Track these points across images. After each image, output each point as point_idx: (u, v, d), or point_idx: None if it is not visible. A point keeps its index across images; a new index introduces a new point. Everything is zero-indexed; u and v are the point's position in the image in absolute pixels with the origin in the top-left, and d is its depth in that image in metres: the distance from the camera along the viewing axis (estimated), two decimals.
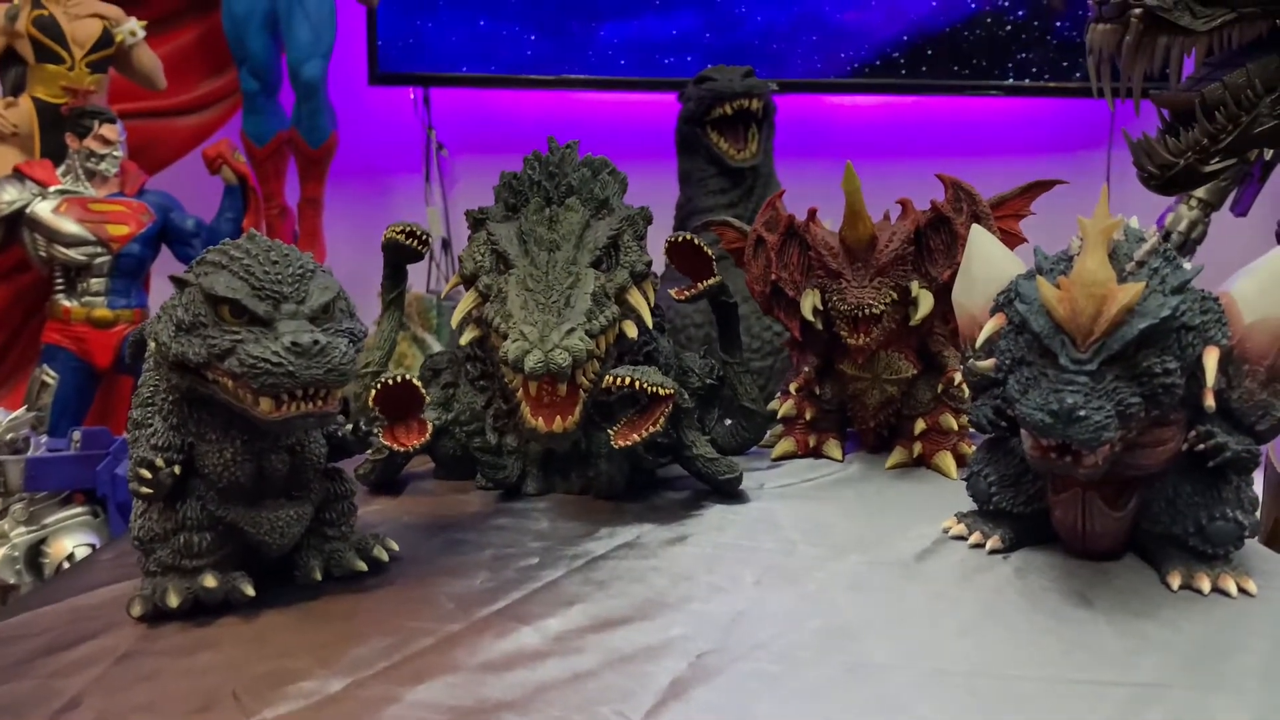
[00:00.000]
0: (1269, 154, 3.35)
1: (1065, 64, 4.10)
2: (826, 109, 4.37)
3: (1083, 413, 1.10)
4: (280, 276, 1.14)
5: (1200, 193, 3.54)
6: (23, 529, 2.33)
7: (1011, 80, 4.15)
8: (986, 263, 1.40)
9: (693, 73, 3.03)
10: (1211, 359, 1.16)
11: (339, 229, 4.15)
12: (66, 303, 2.82)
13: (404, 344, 3.36)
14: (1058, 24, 4.09)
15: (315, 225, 4.06)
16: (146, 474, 1.15)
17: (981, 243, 1.43)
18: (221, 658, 1.10)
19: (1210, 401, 1.16)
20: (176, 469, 1.18)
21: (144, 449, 1.20)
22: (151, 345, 1.19)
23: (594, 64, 4.13)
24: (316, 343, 1.10)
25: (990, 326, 1.28)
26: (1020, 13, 4.10)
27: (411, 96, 4.34)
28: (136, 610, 1.18)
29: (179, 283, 1.17)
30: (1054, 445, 1.14)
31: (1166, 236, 3.51)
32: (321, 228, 4.09)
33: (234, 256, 1.15)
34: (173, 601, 1.16)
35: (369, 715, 0.97)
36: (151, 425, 1.22)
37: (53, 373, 2.83)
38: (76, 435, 2.34)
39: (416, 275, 3.73)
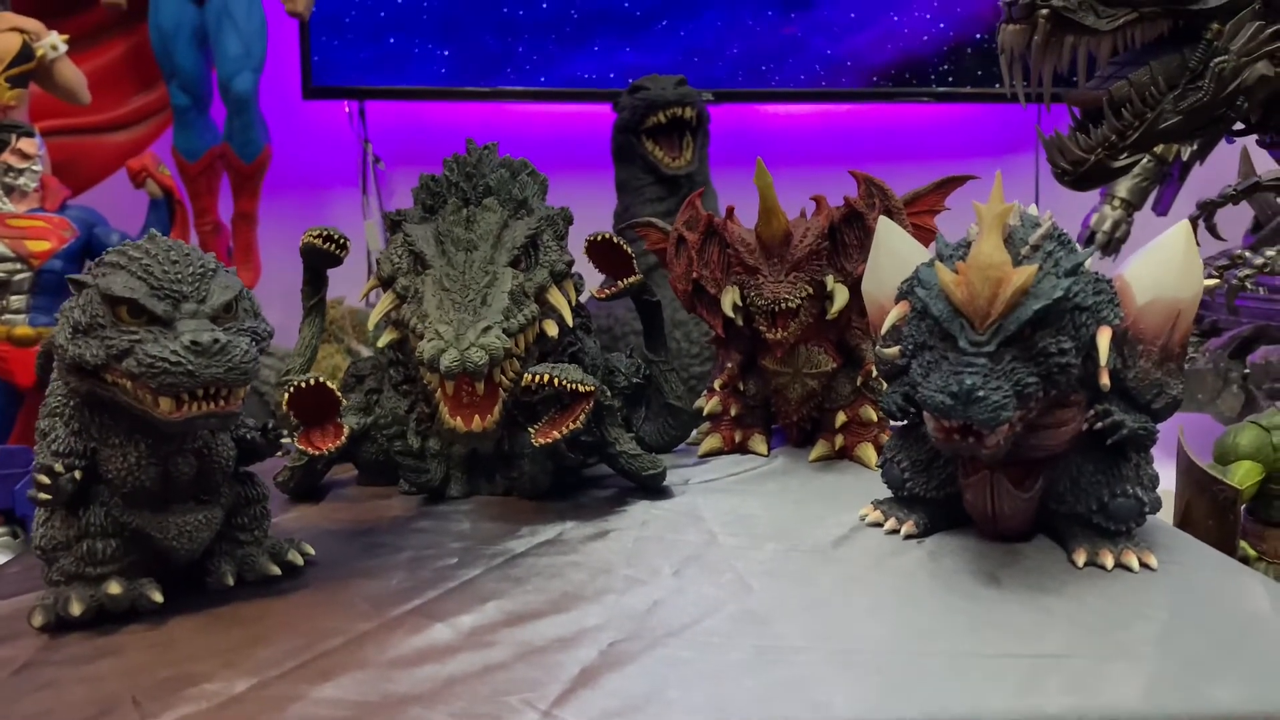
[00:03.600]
0: (1186, 154, 3.47)
1: (980, 73, 4.20)
2: (760, 119, 4.42)
3: (981, 393, 1.13)
4: (180, 276, 1.13)
5: (1123, 193, 3.64)
6: None
7: (939, 87, 4.24)
8: (894, 254, 1.43)
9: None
10: (1105, 338, 1.19)
11: (275, 244, 4.09)
12: None
13: (338, 357, 3.32)
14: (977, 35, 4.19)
15: (250, 240, 3.99)
16: (45, 480, 1.13)
17: (889, 235, 1.46)
18: (123, 664, 1.08)
19: (1105, 380, 1.20)
20: (78, 474, 1.15)
21: (45, 455, 1.18)
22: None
23: (514, 80, 4.14)
24: (217, 341, 1.09)
25: (894, 314, 1.31)
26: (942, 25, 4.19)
27: (347, 110, 4.31)
28: (38, 620, 1.15)
29: (77, 284, 1.15)
30: (956, 426, 1.17)
31: (1091, 236, 3.61)
32: (256, 243, 4.02)
33: (133, 257, 1.14)
34: (75, 610, 1.14)
35: (272, 713, 0.96)
36: (54, 433, 1.20)
37: None
38: None
39: (352, 288, 3.70)
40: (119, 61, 4.04)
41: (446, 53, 4.14)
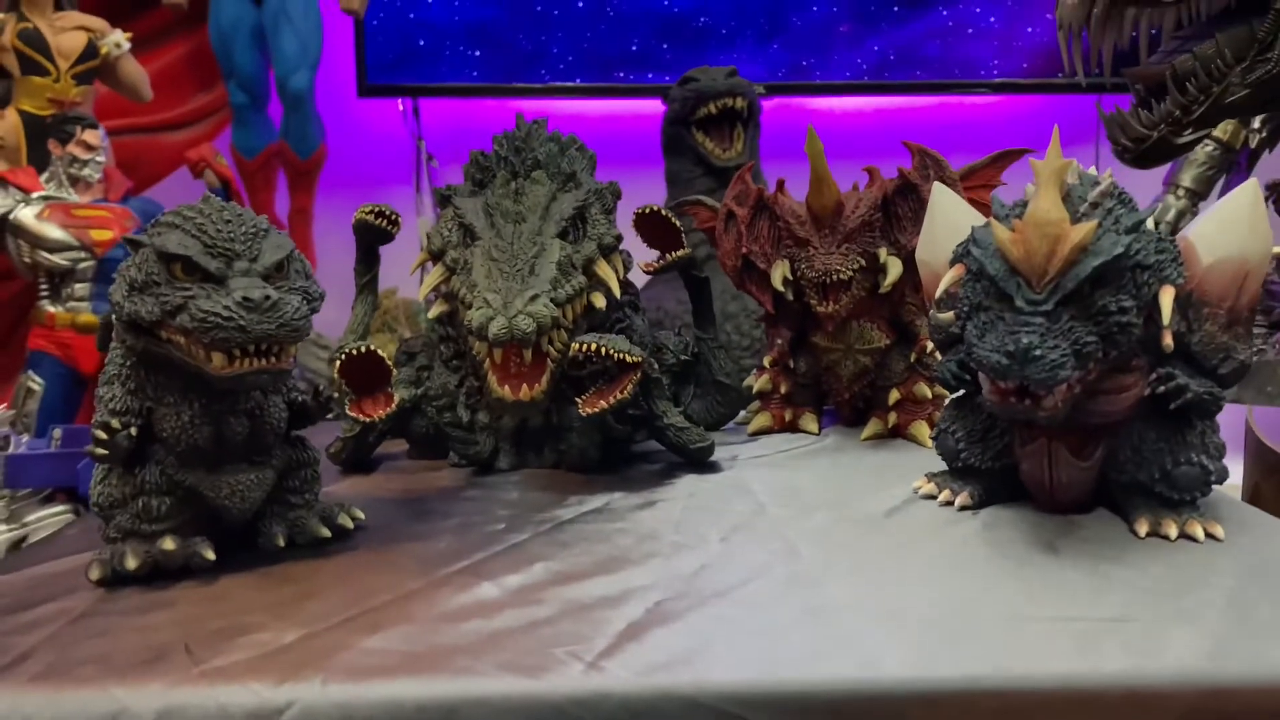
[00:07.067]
0: (1254, 142, 3.36)
1: (1026, 65, 4.13)
2: (813, 114, 4.39)
3: (1039, 352, 1.10)
4: (233, 235, 1.14)
5: (1188, 182, 3.54)
6: (3, 527, 2.32)
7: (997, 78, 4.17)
8: (949, 220, 1.40)
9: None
10: (1167, 297, 1.15)
11: (330, 240, 4.16)
12: (51, 308, 2.82)
13: (391, 347, 3.35)
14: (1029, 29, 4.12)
15: (305, 236, 4.06)
16: (103, 435, 1.15)
17: (944, 200, 1.43)
18: (177, 616, 1.09)
19: (1169, 341, 1.16)
20: (133, 431, 1.17)
21: (102, 413, 1.20)
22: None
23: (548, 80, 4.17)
24: (268, 298, 1.10)
25: (950, 277, 1.28)
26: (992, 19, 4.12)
27: (401, 108, 4.37)
28: (95, 574, 1.18)
29: (133, 244, 1.17)
30: (1012, 388, 1.14)
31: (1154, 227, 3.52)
32: (312, 238, 4.09)
33: (187, 217, 1.16)
34: (131, 564, 1.16)
35: (320, 661, 0.96)
36: (111, 393, 1.22)
37: (38, 379, 2.82)
38: (57, 433, 2.33)
39: (406, 281, 3.74)
40: (180, 62, 4.14)
41: (478, 53, 4.19)
